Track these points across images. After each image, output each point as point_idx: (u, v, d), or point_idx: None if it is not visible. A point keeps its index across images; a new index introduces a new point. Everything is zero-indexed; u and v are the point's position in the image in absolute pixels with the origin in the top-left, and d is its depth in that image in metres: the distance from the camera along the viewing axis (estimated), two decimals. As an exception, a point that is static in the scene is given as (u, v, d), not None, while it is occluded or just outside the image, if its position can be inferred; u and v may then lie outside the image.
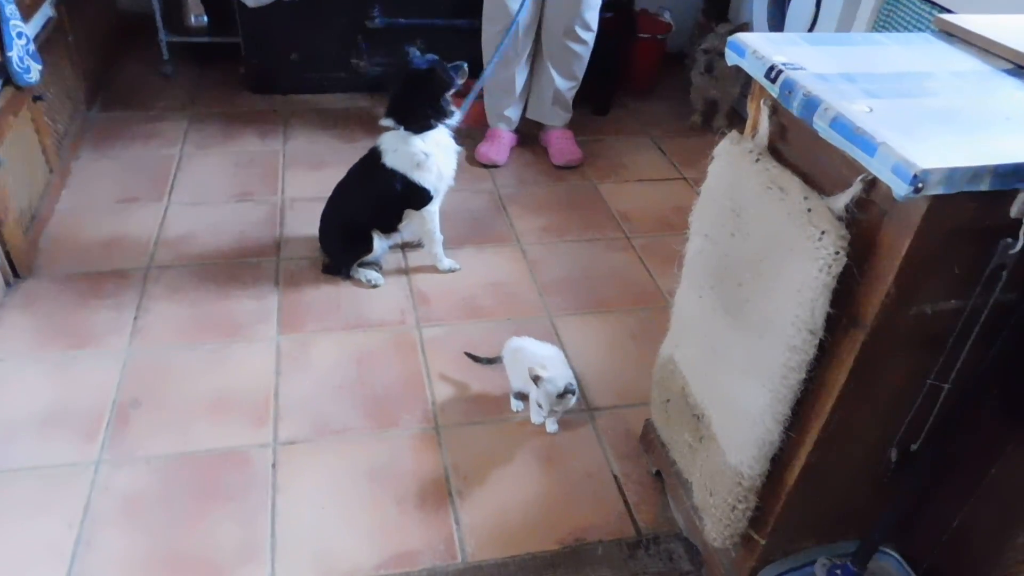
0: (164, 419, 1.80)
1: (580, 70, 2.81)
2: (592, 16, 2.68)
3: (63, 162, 2.57)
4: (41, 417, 1.78)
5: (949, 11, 2.09)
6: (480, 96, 2.71)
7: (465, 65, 2.12)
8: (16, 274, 2.15)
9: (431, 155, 2.09)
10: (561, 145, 2.87)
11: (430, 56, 2.08)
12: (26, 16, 2.22)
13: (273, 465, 1.71)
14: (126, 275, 2.21)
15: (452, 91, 2.09)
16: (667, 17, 3.36)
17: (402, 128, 2.06)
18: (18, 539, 1.54)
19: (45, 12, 2.52)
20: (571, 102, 2.87)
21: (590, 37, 2.73)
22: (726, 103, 3.13)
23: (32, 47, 2.19)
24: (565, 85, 2.80)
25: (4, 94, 2.10)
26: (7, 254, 2.11)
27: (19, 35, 2.11)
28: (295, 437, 1.78)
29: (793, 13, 2.88)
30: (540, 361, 1.80)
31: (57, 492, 1.62)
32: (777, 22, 3.05)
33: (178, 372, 1.93)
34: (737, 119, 3.09)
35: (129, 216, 2.45)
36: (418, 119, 2.06)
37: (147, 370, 1.92)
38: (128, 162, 2.71)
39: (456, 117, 2.13)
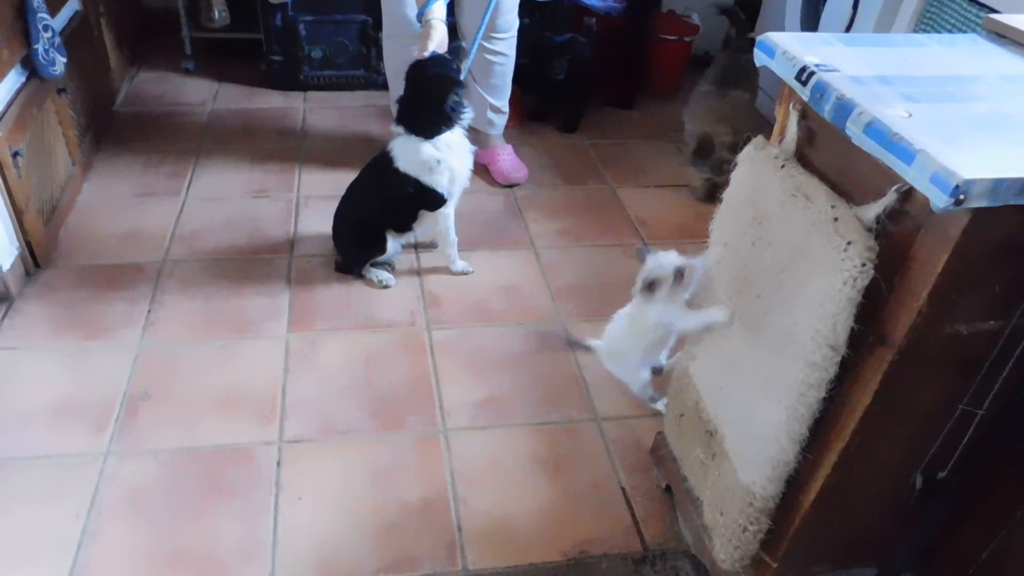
0: (172, 413, 1.79)
1: (503, 80, 2.61)
2: (507, 21, 2.48)
3: (85, 155, 2.56)
4: (54, 407, 1.78)
5: (998, 12, 2.02)
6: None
7: (463, 44, 2.07)
8: (36, 264, 2.16)
9: (443, 159, 2.04)
10: (504, 163, 2.71)
11: (434, 54, 2.03)
12: (53, 10, 2.23)
13: (278, 463, 1.69)
14: (141, 268, 2.20)
15: (461, 89, 2.02)
16: (695, 19, 3.29)
17: (410, 133, 2.01)
18: (27, 527, 1.54)
19: (72, 6, 2.53)
20: (506, 106, 2.71)
21: (507, 46, 2.54)
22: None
23: (58, 40, 2.19)
24: (492, 96, 2.63)
25: (28, 86, 2.11)
26: (28, 244, 2.11)
27: (45, 28, 2.11)
28: (300, 436, 1.76)
29: (829, 13, 2.80)
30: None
31: (66, 481, 1.63)
32: (812, 23, 2.97)
33: (188, 367, 1.91)
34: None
35: (147, 210, 2.45)
36: (426, 125, 2.00)
37: (158, 363, 1.91)
38: (148, 156, 2.71)
39: (468, 116, 2.06)
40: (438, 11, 2.06)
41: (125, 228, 2.36)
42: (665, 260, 1.39)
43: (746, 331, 1.23)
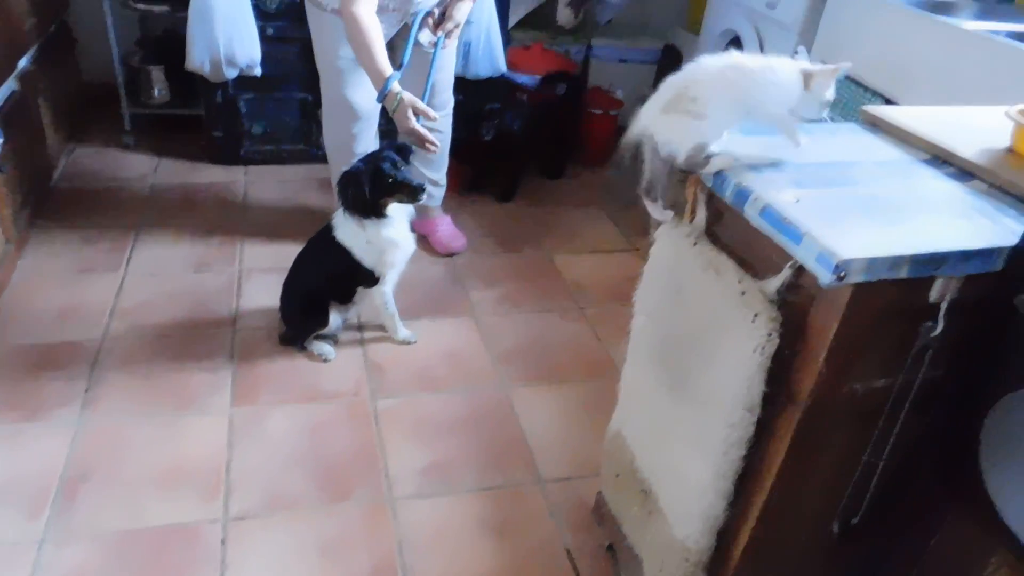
0: (113, 493, 1.77)
1: (440, 154, 2.63)
2: (442, 100, 2.56)
3: (20, 232, 2.55)
4: (-17, 493, 1.74)
5: (884, 96, 2.23)
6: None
7: (408, 143, 2.14)
8: (-34, 345, 2.12)
9: (373, 242, 2.10)
10: (443, 233, 2.80)
11: (388, 152, 2.07)
12: (-11, 90, 2.25)
13: (223, 541, 1.69)
14: (79, 346, 2.19)
15: (399, 183, 2.03)
16: (619, 94, 3.50)
17: (347, 213, 2.08)
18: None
19: (10, 86, 2.55)
20: (444, 179, 2.77)
21: (443, 124, 2.58)
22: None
23: (-6, 121, 2.21)
24: (429, 170, 2.67)
25: (-37, 167, 2.11)
26: (-42, 325, 2.08)
27: (-20, 110, 2.13)
28: (246, 512, 1.76)
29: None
30: None
31: (-3, 573, 1.58)
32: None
33: (129, 445, 1.90)
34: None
35: (85, 286, 2.44)
36: (356, 211, 2.06)
37: (97, 443, 1.89)
38: (86, 232, 2.71)
39: (400, 221, 2.11)
40: (397, 86, 2.11)
41: (62, 305, 2.34)
42: None
43: (672, 394, 1.32)
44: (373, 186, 2.01)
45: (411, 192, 2.05)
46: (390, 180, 2.01)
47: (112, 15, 3.10)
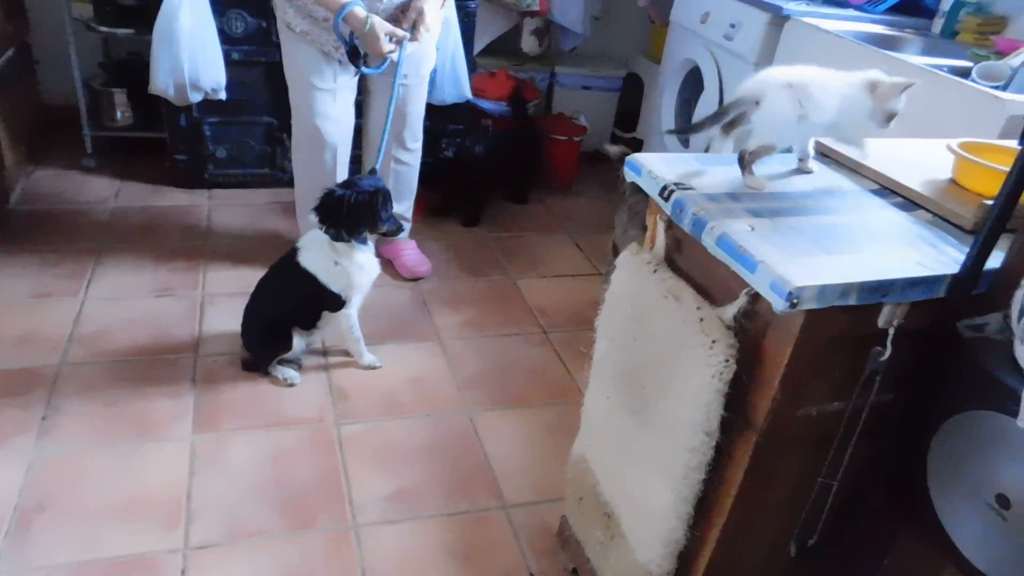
0: (69, 524, 1.73)
1: (409, 187, 2.73)
2: (413, 133, 2.61)
3: (-26, 256, 2.51)
4: (-67, 527, 1.69)
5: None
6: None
7: (376, 167, 2.22)
8: (-85, 373, 2.07)
9: (342, 264, 2.12)
10: (408, 257, 2.81)
11: (378, 182, 2.14)
12: (-56, 111, 2.22)
13: (183, 572, 1.66)
14: (36, 373, 2.15)
15: (389, 220, 2.15)
16: (582, 120, 3.56)
17: (320, 227, 2.09)
18: None
19: (-34, 105, 2.52)
20: (410, 210, 2.81)
21: (413, 157, 2.67)
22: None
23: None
24: (397, 202, 2.61)
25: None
26: (-93, 352, 2.03)
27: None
28: (207, 541, 1.74)
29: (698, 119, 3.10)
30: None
31: (-56, 611, 1.54)
32: (683, 125, 3.28)
33: (87, 474, 1.86)
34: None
35: (43, 312, 2.39)
36: (339, 230, 2.08)
37: (53, 472, 1.85)
38: (44, 256, 2.66)
39: (368, 246, 2.17)
40: (362, 10, 2.12)
41: (18, 331, 2.29)
42: None
43: (634, 419, 1.35)
44: (366, 217, 2.07)
45: (394, 232, 2.25)
46: (381, 217, 2.11)
47: (75, 37, 3.07)
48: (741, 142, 1.27)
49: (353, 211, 2.05)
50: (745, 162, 1.26)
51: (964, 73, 2.16)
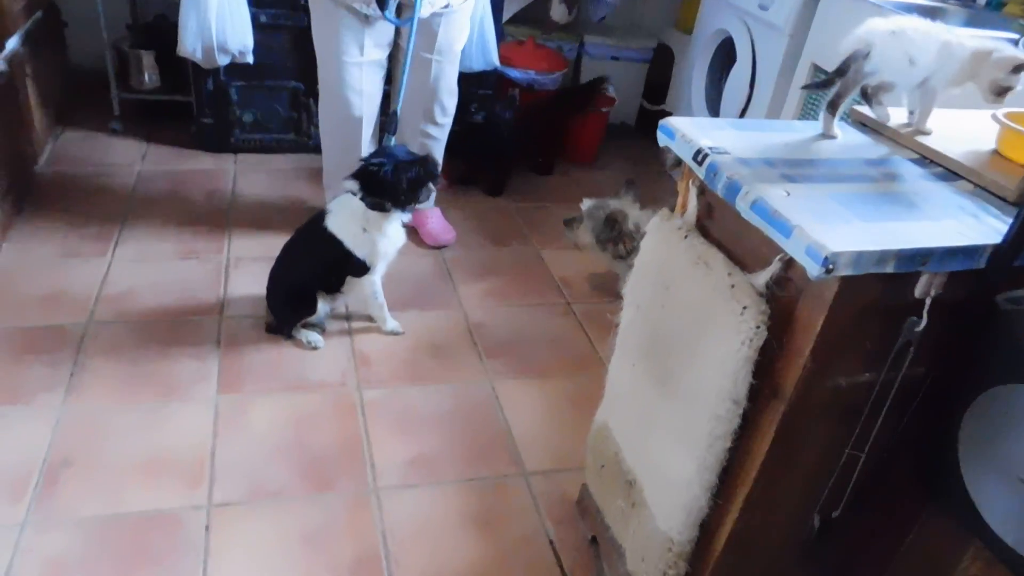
0: (95, 480, 1.76)
1: (435, 158, 2.60)
2: (444, 109, 2.60)
3: (4, 217, 2.53)
4: (-36, 477, 1.72)
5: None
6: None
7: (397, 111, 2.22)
8: (-52, 328, 2.10)
9: (370, 232, 2.11)
10: (433, 225, 2.81)
11: (415, 155, 2.15)
12: (-24, 71, 2.23)
13: (206, 528, 1.68)
14: (64, 331, 2.17)
15: (428, 190, 2.17)
16: (611, 91, 3.51)
17: (359, 196, 2.07)
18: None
19: (-2, 66, 2.53)
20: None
21: (442, 131, 2.65)
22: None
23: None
24: None
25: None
26: (-61, 308, 2.06)
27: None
28: (229, 499, 1.76)
29: (728, 96, 3.06)
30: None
31: (-24, 556, 1.56)
32: (714, 104, 3.23)
33: (112, 431, 1.89)
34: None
35: (71, 272, 2.42)
36: (378, 197, 2.07)
37: (80, 429, 1.88)
38: (73, 218, 2.69)
39: (407, 216, 2.18)
40: None
41: (47, 290, 2.32)
42: None
43: (659, 387, 1.33)
44: (411, 188, 2.09)
45: (423, 199, 2.24)
46: (430, 188, 2.15)
47: (102, -1, 3.07)
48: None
49: (412, 184, 2.07)
50: (834, 107, 1.29)
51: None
